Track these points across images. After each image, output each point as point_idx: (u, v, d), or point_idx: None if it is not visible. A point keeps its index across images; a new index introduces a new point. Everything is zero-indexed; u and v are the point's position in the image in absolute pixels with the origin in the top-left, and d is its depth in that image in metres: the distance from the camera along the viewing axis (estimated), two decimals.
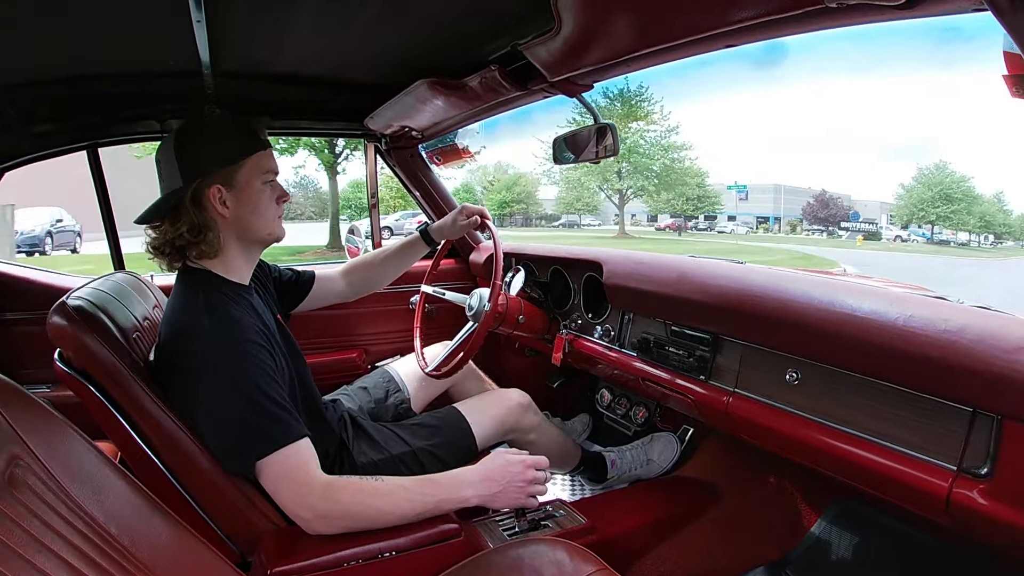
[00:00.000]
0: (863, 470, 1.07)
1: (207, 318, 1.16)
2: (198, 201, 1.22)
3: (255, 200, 1.26)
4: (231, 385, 1.11)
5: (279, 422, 1.12)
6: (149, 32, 1.29)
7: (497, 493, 1.20)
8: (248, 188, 1.25)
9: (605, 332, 1.82)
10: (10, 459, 0.69)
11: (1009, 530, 0.88)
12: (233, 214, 1.24)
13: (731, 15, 0.91)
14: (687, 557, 1.60)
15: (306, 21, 1.29)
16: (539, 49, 1.19)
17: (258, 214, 1.27)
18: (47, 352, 1.20)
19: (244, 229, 1.27)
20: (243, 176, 1.24)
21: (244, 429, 1.10)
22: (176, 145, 1.22)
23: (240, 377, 1.12)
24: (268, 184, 1.28)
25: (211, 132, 1.25)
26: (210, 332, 1.14)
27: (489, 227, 1.75)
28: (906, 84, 40.64)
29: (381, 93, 1.77)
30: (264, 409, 1.11)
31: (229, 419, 1.11)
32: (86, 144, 1.89)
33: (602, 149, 1.55)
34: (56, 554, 0.67)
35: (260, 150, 1.27)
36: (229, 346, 1.14)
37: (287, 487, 1.10)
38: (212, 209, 1.23)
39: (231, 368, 1.12)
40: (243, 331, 1.17)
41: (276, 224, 1.31)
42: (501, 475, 1.21)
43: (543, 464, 1.26)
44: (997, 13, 0.55)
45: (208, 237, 1.23)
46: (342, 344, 2.25)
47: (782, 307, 1.24)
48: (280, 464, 1.10)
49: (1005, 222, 28.02)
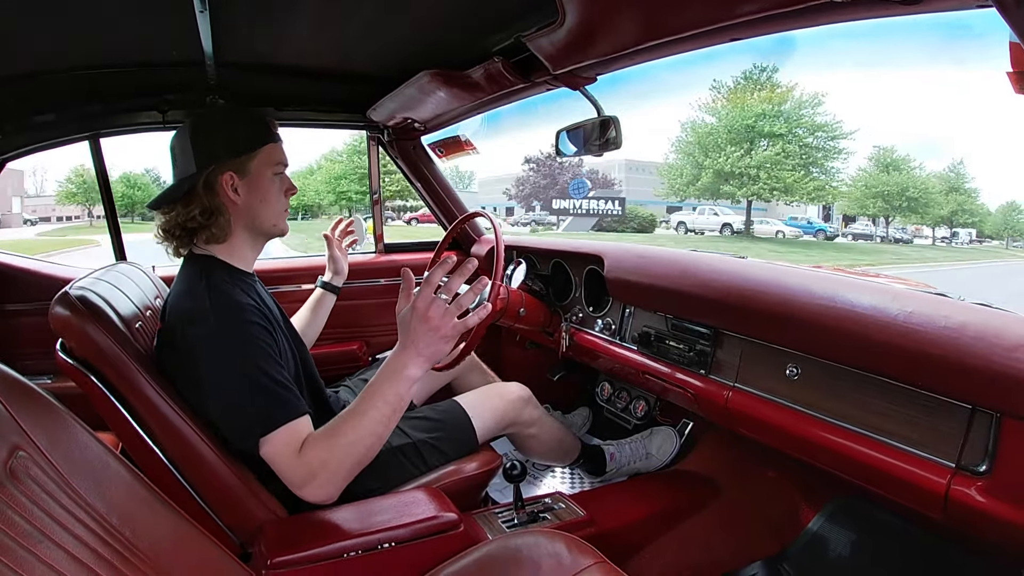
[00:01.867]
0: (861, 466, 1.08)
1: (210, 300, 1.18)
2: (211, 187, 1.25)
3: (265, 189, 1.30)
4: (234, 365, 1.14)
5: (281, 400, 1.15)
6: (152, 22, 1.29)
7: (425, 351, 1.12)
8: (260, 177, 1.29)
9: (606, 325, 1.83)
10: (12, 449, 0.69)
11: (1006, 527, 0.88)
12: (244, 201, 1.28)
13: (736, 8, 0.90)
14: (685, 550, 1.61)
15: (309, 12, 1.28)
16: (542, 41, 1.18)
17: (267, 203, 1.31)
18: (48, 343, 1.20)
19: (253, 217, 1.30)
20: (255, 165, 1.29)
21: (247, 408, 1.13)
22: (192, 133, 1.26)
23: (243, 357, 1.15)
24: (278, 176, 1.33)
25: (226, 121, 1.31)
26: (213, 313, 1.17)
27: (491, 220, 1.75)
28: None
29: (384, 84, 1.77)
30: (266, 388, 1.14)
31: (232, 398, 1.14)
32: (88, 134, 1.89)
33: (605, 142, 1.55)
34: (57, 544, 0.68)
35: (272, 142, 1.32)
36: (232, 327, 1.17)
37: (283, 464, 1.13)
38: (224, 195, 1.26)
39: (234, 348, 1.15)
40: (245, 313, 1.19)
41: (282, 217, 1.36)
42: (411, 336, 1.12)
43: (432, 284, 1.11)
44: (1002, 9, 0.55)
45: (219, 221, 1.27)
46: (343, 336, 2.25)
47: (783, 302, 1.24)
48: (282, 441, 1.13)
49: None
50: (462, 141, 2.22)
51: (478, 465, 1.48)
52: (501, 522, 1.44)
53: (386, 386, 1.14)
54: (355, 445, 1.13)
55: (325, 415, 1.37)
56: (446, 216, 2.48)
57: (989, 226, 26.90)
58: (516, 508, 1.46)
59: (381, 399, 1.14)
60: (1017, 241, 26.12)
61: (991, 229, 26.94)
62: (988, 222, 26.83)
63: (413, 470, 1.42)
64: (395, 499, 1.24)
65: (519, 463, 1.41)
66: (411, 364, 1.13)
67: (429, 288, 1.11)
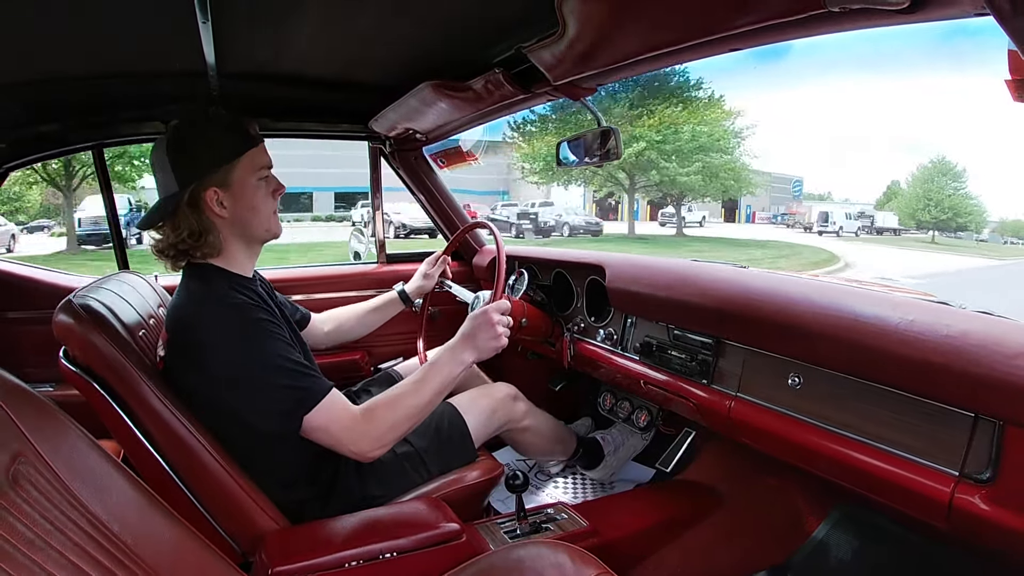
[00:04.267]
0: (865, 475, 1.07)
1: (215, 305, 1.19)
2: (195, 205, 1.24)
3: (251, 197, 1.28)
4: (257, 357, 1.17)
5: (309, 379, 1.20)
6: (154, 33, 1.30)
7: (481, 347, 1.35)
8: (244, 186, 1.27)
9: (608, 335, 1.82)
10: (14, 456, 0.69)
11: (1011, 536, 0.88)
12: (232, 214, 1.27)
13: (735, 19, 0.91)
14: (688, 561, 1.60)
15: (311, 23, 1.29)
16: (543, 52, 1.19)
17: (255, 211, 1.30)
18: (51, 351, 1.20)
19: (244, 227, 1.30)
20: (238, 175, 1.26)
21: (282, 394, 1.17)
22: (169, 149, 1.23)
23: (262, 348, 1.17)
24: (263, 180, 1.31)
25: (202, 134, 1.26)
26: (218, 315, 1.18)
27: (493, 230, 1.76)
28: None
29: (385, 95, 1.78)
30: (293, 371, 1.18)
31: (264, 388, 1.17)
32: (91, 144, 1.90)
33: (605, 153, 1.55)
34: (58, 552, 0.67)
35: (252, 147, 1.29)
36: (240, 323, 1.18)
37: (339, 430, 1.19)
38: (210, 211, 1.25)
39: (251, 342, 1.18)
40: (250, 310, 1.21)
41: (273, 220, 1.34)
42: (473, 331, 1.35)
43: (504, 307, 1.41)
44: (999, 18, 0.55)
45: (208, 240, 1.26)
46: (345, 346, 2.25)
47: (784, 311, 1.24)
48: (324, 414, 1.18)
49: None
50: (464, 151, 2.24)
51: (480, 474, 1.48)
52: (503, 532, 1.44)
53: (445, 365, 1.31)
54: (415, 408, 1.26)
55: None
56: (448, 227, 2.49)
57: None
58: (518, 518, 1.46)
59: (438, 374, 1.30)
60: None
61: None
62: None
63: (416, 477, 1.42)
64: (397, 509, 1.24)
65: (521, 473, 1.41)
66: (468, 352, 1.34)
67: (502, 307, 1.40)
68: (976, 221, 27.60)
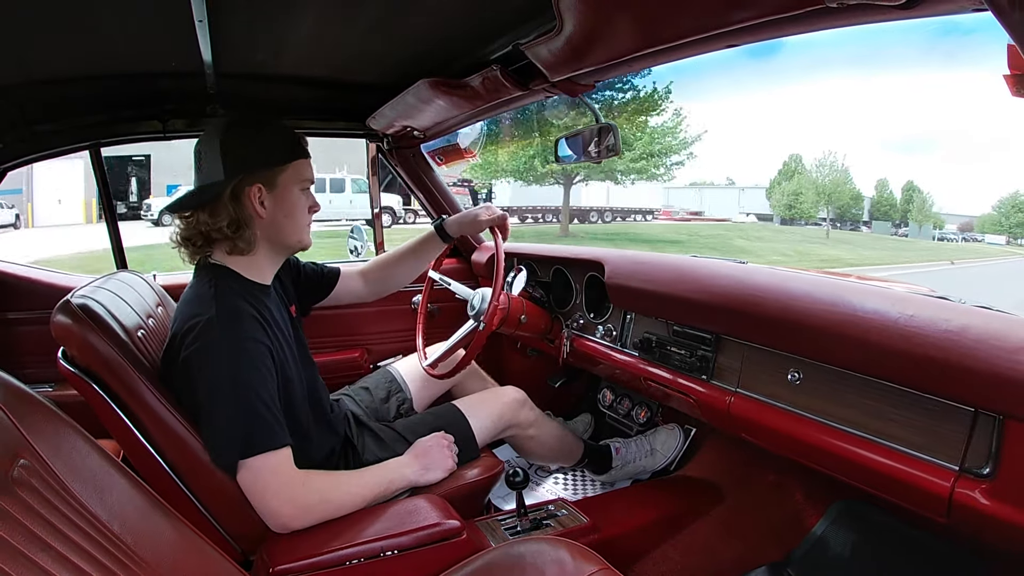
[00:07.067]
0: (865, 470, 1.07)
1: (216, 311, 1.18)
2: (237, 197, 1.24)
3: (292, 204, 1.30)
4: (227, 381, 1.13)
5: (266, 426, 1.14)
6: (151, 32, 1.30)
7: (429, 464, 1.37)
8: (287, 192, 1.29)
9: (607, 332, 1.82)
10: (13, 458, 0.69)
11: (1011, 530, 0.88)
12: (269, 215, 1.27)
13: (733, 15, 0.91)
14: (689, 557, 1.60)
15: (308, 21, 1.29)
16: (541, 49, 1.18)
17: (292, 218, 1.30)
18: (49, 351, 1.20)
19: (277, 232, 1.30)
20: (284, 180, 1.28)
21: (231, 427, 1.12)
22: (223, 139, 1.24)
23: (238, 375, 1.14)
24: (304, 192, 1.32)
25: (259, 132, 1.28)
26: (217, 325, 1.16)
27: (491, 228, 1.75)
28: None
29: (383, 93, 1.77)
30: (254, 411, 1.13)
31: (220, 414, 1.13)
32: (88, 144, 1.89)
33: (604, 149, 1.55)
34: (59, 552, 0.67)
35: (303, 157, 1.31)
36: (232, 342, 1.16)
37: (268, 484, 1.13)
38: (250, 207, 1.25)
39: (231, 364, 1.14)
40: (249, 329, 1.19)
41: (305, 232, 1.35)
42: (425, 452, 1.39)
43: (449, 438, 1.45)
44: (997, 13, 0.55)
45: (245, 234, 1.26)
46: (344, 343, 2.25)
47: (784, 307, 1.24)
48: (261, 466, 1.13)
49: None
50: (462, 148, 2.23)
51: (480, 472, 1.48)
52: (504, 529, 1.44)
53: (391, 471, 1.33)
54: (352, 494, 1.23)
55: (325, 428, 1.40)
56: None
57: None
58: (519, 515, 1.46)
59: (384, 474, 1.32)
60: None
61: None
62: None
63: None
64: (397, 507, 1.23)
65: (521, 470, 1.41)
66: (414, 469, 1.35)
67: (447, 437, 1.45)
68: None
